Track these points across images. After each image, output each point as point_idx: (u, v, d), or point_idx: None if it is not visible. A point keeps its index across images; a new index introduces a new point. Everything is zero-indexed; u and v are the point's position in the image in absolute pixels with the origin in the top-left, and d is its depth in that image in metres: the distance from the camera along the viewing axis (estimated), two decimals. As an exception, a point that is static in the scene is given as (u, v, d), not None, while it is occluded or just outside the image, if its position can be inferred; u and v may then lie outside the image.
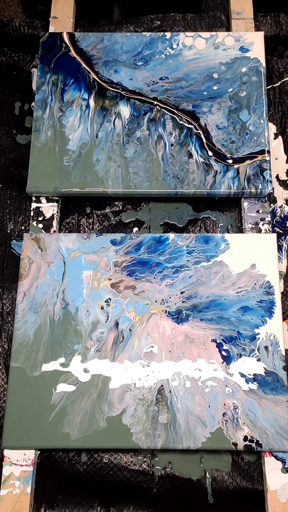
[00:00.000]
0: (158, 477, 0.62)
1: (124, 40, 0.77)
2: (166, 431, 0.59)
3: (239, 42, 0.76)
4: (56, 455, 0.63)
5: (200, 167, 0.70)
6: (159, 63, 0.76)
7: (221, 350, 0.62)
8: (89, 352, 0.62)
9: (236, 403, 0.60)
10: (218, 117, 0.72)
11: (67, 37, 0.77)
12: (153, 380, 0.61)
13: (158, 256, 0.66)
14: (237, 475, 0.62)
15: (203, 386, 0.61)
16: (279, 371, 0.61)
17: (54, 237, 0.68)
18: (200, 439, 0.59)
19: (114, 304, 0.64)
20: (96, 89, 0.74)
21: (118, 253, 0.67)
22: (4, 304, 0.69)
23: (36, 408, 0.60)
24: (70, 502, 0.60)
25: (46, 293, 0.65)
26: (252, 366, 0.61)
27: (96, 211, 0.74)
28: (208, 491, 0.61)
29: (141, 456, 0.63)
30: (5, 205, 0.74)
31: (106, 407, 0.60)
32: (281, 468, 0.59)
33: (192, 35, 0.77)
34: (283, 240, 0.70)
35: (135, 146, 0.71)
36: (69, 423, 0.60)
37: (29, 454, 0.60)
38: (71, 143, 0.72)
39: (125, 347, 0.62)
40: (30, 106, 0.79)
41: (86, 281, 0.65)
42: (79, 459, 0.63)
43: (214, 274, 0.65)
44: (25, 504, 0.59)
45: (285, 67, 0.79)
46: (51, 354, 0.62)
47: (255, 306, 0.64)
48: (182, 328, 0.63)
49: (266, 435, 0.58)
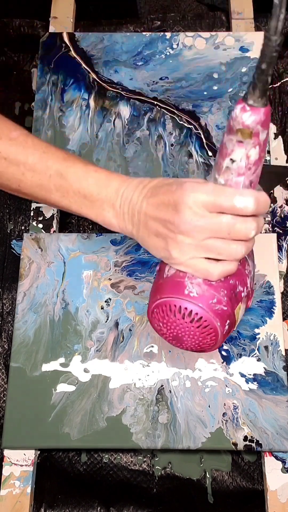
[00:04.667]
0: (158, 477, 0.62)
1: (124, 40, 0.77)
2: (166, 431, 0.59)
3: (239, 42, 0.76)
4: (56, 455, 0.63)
5: (200, 167, 0.70)
6: (159, 63, 0.76)
7: (221, 350, 0.62)
8: (89, 352, 0.62)
9: (236, 403, 0.60)
10: (218, 117, 0.72)
11: (67, 37, 0.77)
12: (153, 380, 0.61)
13: (158, 256, 0.66)
14: (237, 475, 0.62)
15: (203, 386, 0.61)
16: (279, 371, 0.61)
17: (54, 237, 0.68)
18: (200, 439, 0.59)
19: (114, 304, 0.64)
20: (96, 89, 0.75)
21: (118, 253, 0.67)
22: (4, 304, 0.69)
23: (36, 408, 0.60)
24: (70, 502, 0.60)
25: (46, 293, 0.65)
26: (252, 366, 0.61)
27: (96, 211, 0.74)
28: (208, 491, 0.61)
29: (141, 456, 0.63)
30: (5, 205, 0.74)
31: (106, 407, 0.60)
32: (281, 468, 0.59)
33: (192, 35, 0.77)
34: (283, 240, 0.70)
35: (135, 146, 0.71)
36: (69, 423, 0.60)
37: (29, 454, 0.60)
38: (71, 143, 0.72)
39: (125, 347, 0.62)
40: (30, 106, 0.79)
41: (86, 281, 0.65)
42: (79, 459, 0.63)
43: (214, 274, 0.65)
44: (25, 504, 0.59)
45: (285, 67, 0.79)
46: (51, 354, 0.62)
47: (255, 306, 0.64)
48: (182, 328, 0.63)
49: (266, 435, 0.58)
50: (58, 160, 0.49)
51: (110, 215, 0.49)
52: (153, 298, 0.49)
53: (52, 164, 0.49)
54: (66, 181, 0.49)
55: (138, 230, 0.47)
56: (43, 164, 0.49)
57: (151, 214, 0.45)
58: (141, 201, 0.46)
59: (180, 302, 0.46)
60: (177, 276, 0.46)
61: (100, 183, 0.48)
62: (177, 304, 0.46)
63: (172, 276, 0.47)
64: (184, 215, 0.42)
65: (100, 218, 0.49)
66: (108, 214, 0.48)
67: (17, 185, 0.51)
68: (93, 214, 0.50)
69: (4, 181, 0.51)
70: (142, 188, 0.47)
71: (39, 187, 0.50)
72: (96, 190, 0.48)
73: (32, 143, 0.50)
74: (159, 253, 0.47)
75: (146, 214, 0.46)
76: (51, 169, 0.49)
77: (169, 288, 0.47)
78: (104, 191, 0.48)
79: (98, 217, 0.49)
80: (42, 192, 0.50)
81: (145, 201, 0.46)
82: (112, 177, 0.49)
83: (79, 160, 0.50)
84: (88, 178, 0.48)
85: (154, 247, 0.47)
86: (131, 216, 0.47)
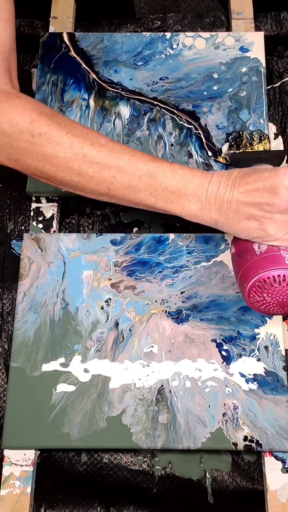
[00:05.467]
0: (158, 477, 0.62)
1: (124, 40, 0.77)
2: (166, 431, 0.59)
3: (239, 42, 0.76)
4: (56, 455, 0.63)
5: (200, 167, 0.70)
6: (159, 63, 0.76)
7: (221, 350, 0.62)
8: (89, 352, 0.62)
9: (236, 403, 0.60)
10: (218, 117, 0.72)
11: (67, 37, 0.77)
12: (153, 380, 0.61)
13: (158, 256, 0.67)
14: (237, 475, 0.62)
15: (203, 386, 0.61)
16: (279, 371, 0.61)
17: (54, 237, 0.68)
18: (200, 439, 0.59)
19: (114, 304, 0.64)
20: (96, 89, 0.75)
21: (118, 253, 0.67)
22: (4, 304, 0.69)
23: (36, 408, 0.60)
24: (70, 502, 0.60)
25: (46, 293, 0.65)
26: (252, 366, 0.61)
27: (96, 211, 0.74)
28: (208, 491, 0.61)
29: (141, 456, 0.63)
30: (5, 205, 0.74)
31: (106, 407, 0.60)
32: (281, 468, 0.59)
33: (192, 35, 0.77)
34: (283, 240, 0.70)
35: (135, 146, 0.71)
36: (69, 423, 0.60)
37: (29, 454, 0.60)
38: (71, 143, 0.72)
39: (125, 347, 0.62)
40: (30, 106, 0.79)
41: (86, 281, 0.65)
42: (79, 459, 0.63)
43: (214, 274, 0.65)
44: (25, 504, 0.59)
45: (285, 67, 0.79)
46: (51, 354, 0.62)
47: (255, 306, 0.64)
48: (182, 328, 0.63)
49: (266, 435, 0.58)
50: (146, 162, 0.54)
51: (195, 207, 0.54)
52: (251, 275, 0.54)
53: (142, 165, 0.54)
54: (155, 179, 0.54)
55: (227, 217, 0.53)
56: (133, 166, 0.54)
57: (245, 201, 0.52)
58: (229, 191, 0.53)
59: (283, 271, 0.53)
60: (272, 251, 0.54)
61: (185, 179, 0.54)
62: (281, 274, 0.53)
63: (267, 252, 0.54)
64: (282, 195, 0.50)
65: (185, 211, 0.55)
66: (194, 206, 0.54)
67: (106, 188, 0.55)
68: (179, 207, 0.55)
69: (93, 186, 0.55)
70: (226, 180, 0.53)
71: (128, 188, 0.55)
72: (183, 186, 0.54)
73: (119, 148, 0.55)
74: (251, 234, 0.53)
75: (238, 201, 0.52)
76: (141, 170, 0.54)
77: (269, 262, 0.53)
78: (190, 186, 0.54)
79: (183, 210, 0.55)
80: (130, 193, 0.55)
81: (234, 190, 0.52)
82: (195, 173, 0.54)
83: (164, 160, 0.56)
84: (175, 176, 0.54)
85: (245, 229, 0.53)
86: (218, 205, 0.53)
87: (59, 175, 0.55)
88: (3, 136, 0.54)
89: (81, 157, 0.54)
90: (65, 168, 0.54)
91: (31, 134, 0.53)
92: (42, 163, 0.55)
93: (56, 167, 0.55)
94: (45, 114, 0.54)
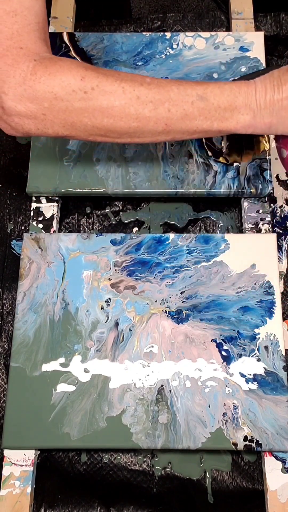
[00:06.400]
0: (158, 477, 0.62)
1: (124, 40, 0.77)
2: (166, 431, 0.59)
3: (239, 42, 0.76)
4: (56, 455, 0.63)
5: (200, 167, 0.70)
6: (159, 63, 0.76)
7: (221, 350, 0.62)
8: (89, 352, 0.62)
9: (236, 403, 0.60)
10: (218, 117, 0.72)
11: (67, 37, 0.77)
12: (153, 380, 0.61)
13: (158, 256, 0.67)
14: (237, 475, 0.62)
15: (203, 386, 0.61)
16: (279, 371, 0.61)
17: (54, 237, 0.68)
18: (200, 439, 0.59)
19: (114, 304, 0.64)
20: (96, 89, 0.74)
21: (118, 253, 0.67)
22: (4, 304, 0.69)
23: (36, 408, 0.60)
24: (70, 502, 0.60)
25: (46, 293, 0.65)
26: (252, 366, 0.61)
27: (96, 211, 0.74)
28: (208, 491, 0.61)
29: (141, 456, 0.63)
30: (5, 205, 0.74)
31: (106, 407, 0.60)
32: (281, 468, 0.59)
33: (192, 35, 0.77)
34: (283, 240, 0.70)
35: (135, 146, 0.71)
36: (69, 423, 0.60)
37: (29, 454, 0.60)
38: (71, 143, 0.72)
39: (125, 347, 0.62)
40: (30, 106, 0.79)
41: (86, 281, 0.65)
42: (79, 459, 0.63)
43: (214, 274, 0.65)
44: (25, 504, 0.59)
45: (285, 67, 0.79)
46: (51, 354, 0.62)
47: (255, 306, 0.64)
48: (182, 328, 0.63)
49: (266, 435, 0.58)
50: (193, 87, 0.55)
51: (249, 117, 0.55)
52: None
53: (191, 91, 0.55)
54: (207, 101, 0.55)
55: (280, 116, 0.55)
56: (183, 94, 0.55)
57: None
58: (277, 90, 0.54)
59: None
60: None
61: (234, 92, 0.55)
62: None
63: None
64: None
65: (240, 124, 0.56)
66: (247, 116, 0.55)
67: (163, 125, 0.56)
68: (233, 122, 0.56)
69: (151, 127, 0.56)
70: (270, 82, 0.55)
71: (184, 118, 0.55)
72: (233, 100, 0.55)
73: (165, 82, 0.56)
74: None
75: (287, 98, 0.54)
76: (191, 95, 0.55)
77: None
78: (239, 98, 0.55)
79: (238, 123, 0.56)
80: (186, 122, 0.56)
81: (281, 88, 0.54)
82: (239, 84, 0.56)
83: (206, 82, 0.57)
84: (224, 92, 0.55)
85: None
86: (270, 108, 0.55)
87: (117, 125, 0.55)
88: (56, 102, 0.53)
89: (135, 99, 0.54)
90: (123, 116, 0.54)
91: (84, 90, 0.53)
92: (99, 118, 0.54)
93: (114, 117, 0.54)
94: (90, 68, 0.54)
